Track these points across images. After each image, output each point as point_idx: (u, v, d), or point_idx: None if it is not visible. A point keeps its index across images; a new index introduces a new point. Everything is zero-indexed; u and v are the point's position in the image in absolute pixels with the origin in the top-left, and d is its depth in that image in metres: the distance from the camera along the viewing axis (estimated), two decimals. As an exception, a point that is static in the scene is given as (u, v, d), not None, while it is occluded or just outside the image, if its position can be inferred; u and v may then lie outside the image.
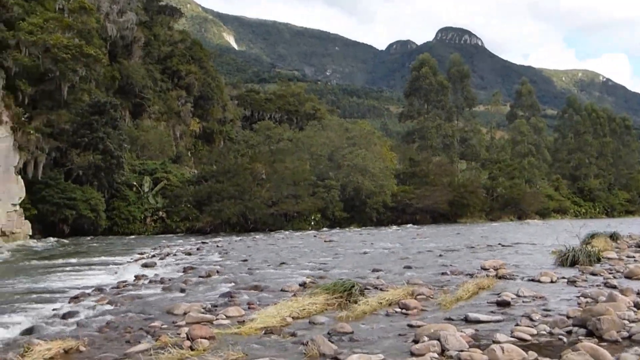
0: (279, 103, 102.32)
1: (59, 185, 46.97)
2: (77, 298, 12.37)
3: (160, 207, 56.22)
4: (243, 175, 56.50)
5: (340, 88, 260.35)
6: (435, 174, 69.27)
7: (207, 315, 8.70)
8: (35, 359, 6.53)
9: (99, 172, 49.65)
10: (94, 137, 48.43)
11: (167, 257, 23.83)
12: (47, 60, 43.06)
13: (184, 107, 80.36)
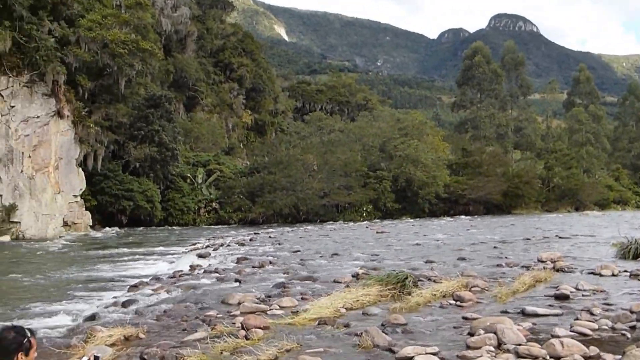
0: (330, 94, 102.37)
1: (117, 177, 48.25)
2: (135, 287, 12.74)
3: (214, 198, 57.05)
4: (295, 166, 56.76)
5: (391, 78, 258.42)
6: (488, 164, 68.22)
7: (261, 306, 8.84)
8: (98, 345, 6.76)
9: (154, 164, 50.72)
10: (149, 129, 49.49)
11: (220, 248, 24.22)
12: (105, 55, 44.14)
13: (236, 99, 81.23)
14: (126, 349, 6.84)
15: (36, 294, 12.96)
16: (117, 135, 48.51)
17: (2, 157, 35.35)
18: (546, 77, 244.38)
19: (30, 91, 37.70)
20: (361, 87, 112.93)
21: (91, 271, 17.53)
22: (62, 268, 18.67)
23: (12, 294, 13.09)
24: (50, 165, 39.61)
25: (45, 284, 15.11)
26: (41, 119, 38.67)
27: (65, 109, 40.37)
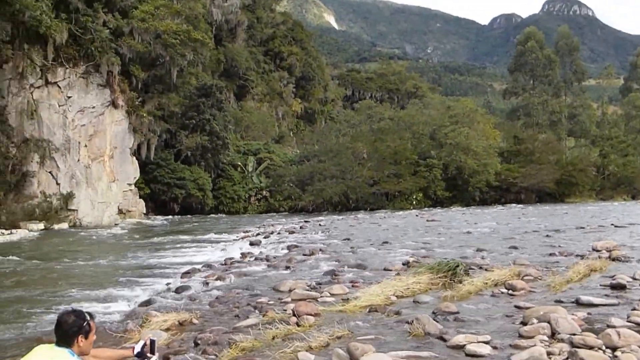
0: (379, 82, 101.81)
1: (170, 166, 49.11)
2: (188, 273, 12.98)
3: (264, 186, 57.52)
4: (344, 154, 56.72)
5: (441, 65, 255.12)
6: (541, 151, 66.74)
7: (312, 293, 8.90)
8: (153, 330, 6.91)
9: (205, 153, 51.41)
10: (201, 119, 50.15)
11: (271, 236, 24.44)
12: (158, 45, 44.84)
13: (286, 88, 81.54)
14: (180, 333, 6.98)
15: (93, 280, 13.35)
16: (170, 124, 49.33)
17: (60, 146, 36.37)
18: (602, 63, 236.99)
19: (86, 82, 38.63)
20: (411, 74, 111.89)
21: (145, 258, 17.93)
22: (117, 255, 19.16)
23: (70, 280, 13.50)
24: (105, 154, 40.58)
25: (101, 270, 15.54)
26: (96, 109, 39.61)
27: (120, 99, 41.24)
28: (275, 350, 5.50)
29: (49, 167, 35.77)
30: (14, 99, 34.77)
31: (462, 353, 5.30)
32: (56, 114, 36.67)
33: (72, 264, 16.95)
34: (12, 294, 11.33)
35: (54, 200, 35.49)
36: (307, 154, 62.12)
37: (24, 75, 34.96)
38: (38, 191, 35.03)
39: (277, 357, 5.27)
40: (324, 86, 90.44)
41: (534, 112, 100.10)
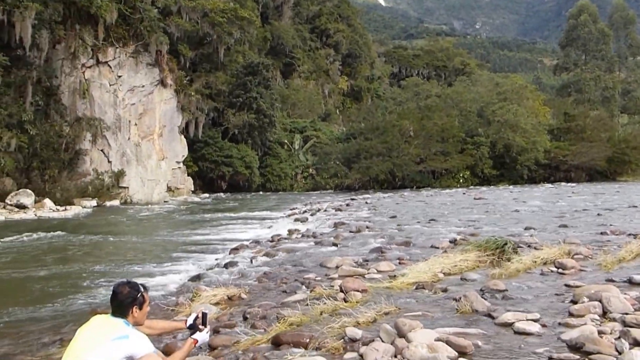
0: (427, 59, 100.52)
1: (217, 144, 49.69)
2: (236, 249, 13.17)
3: (310, 164, 57.73)
4: (391, 132, 56.34)
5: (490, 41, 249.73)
6: (592, 129, 64.93)
7: (359, 269, 8.90)
8: (203, 304, 7.06)
9: (252, 131, 51.78)
10: (248, 97, 50.45)
11: (318, 213, 24.55)
12: (205, 24, 45.24)
13: (333, 65, 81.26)
14: (229, 308, 7.10)
15: (144, 255, 13.68)
16: (217, 102, 49.82)
17: (111, 125, 37.16)
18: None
19: (136, 61, 39.25)
20: (459, 51, 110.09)
21: (194, 234, 18.27)
22: (167, 231, 19.58)
23: (122, 255, 13.88)
24: (154, 132, 41.31)
25: (152, 245, 15.91)
26: (146, 88, 40.27)
27: (168, 78, 41.82)
28: (323, 325, 5.55)
29: (101, 145, 36.63)
30: (67, 78, 35.59)
31: (510, 331, 5.27)
32: (107, 93, 37.43)
33: (123, 239, 17.41)
34: (67, 268, 11.72)
35: (106, 178, 36.40)
36: (353, 131, 61.95)
37: (76, 55, 35.73)
38: (90, 169, 35.95)
39: (325, 332, 5.33)
40: (371, 63, 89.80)
41: (586, 88, 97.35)
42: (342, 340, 5.14)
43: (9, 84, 29.95)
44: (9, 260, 12.97)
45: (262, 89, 51.81)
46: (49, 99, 34.05)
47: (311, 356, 4.72)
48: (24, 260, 13.11)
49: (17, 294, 9.27)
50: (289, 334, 5.42)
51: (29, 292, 9.29)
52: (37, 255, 13.80)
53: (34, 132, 31.09)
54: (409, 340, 4.81)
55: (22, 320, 7.34)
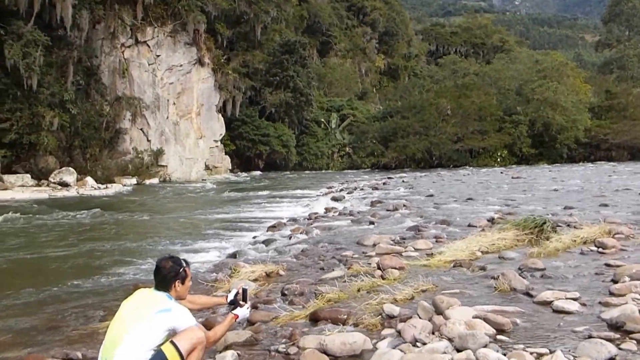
0: (464, 36, 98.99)
1: (254, 123, 49.94)
2: (274, 227, 13.30)
3: (347, 143, 57.70)
4: (428, 110, 55.96)
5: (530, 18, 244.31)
6: (635, 106, 63.13)
7: (396, 247, 8.91)
8: (242, 280, 7.15)
9: (289, 110, 51.89)
10: (284, 75, 50.52)
11: (354, 191, 24.59)
12: (242, 2, 45.29)
13: (369, 43, 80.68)
14: (268, 284, 7.18)
15: (184, 232, 13.92)
16: (254, 81, 49.98)
17: (150, 104, 37.63)
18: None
19: (174, 40, 39.55)
20: (497, 28, 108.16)
21: (232, 212, 18.48)
22: (205, 209, 19.83)
23: (162, 231, 14.14)
24: (192, 111, 41.71)
25: (191, 223, 16.16)
26: (184, 67, 40.61)
27: (206, 57, 42.07)
28: (361, 302, 5.59)
29: (140, 124, 37.15)
30: (107, 58, 36.09)
31: (549, 309, 5.24)
32: (146, 72, 37.86)
33: (163, 217, 17.71)
34: (110, 244, 11.98)
35: (145, 156, 36.96)
36: (390, 110, 61.67)
37: (116, 35, 36.16)
38: (130, 147, 36.53)
39: (363, 308, 5.37)
40: (408, 41, 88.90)
41: (629, 64, 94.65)
42: (379, 317, 5.18)
43: (51, 64, 30.48)
44: (54, 237, 13.32)
45: (299, 67, 51.81)
46: (89, 78, 34.59)
47: (349, 332, 4.76)
48: (67, 237, 13.45)
49: (61, 269, 9.53)
50: (326, 310, 5.47)
51: (73, 268, 9.55)
52: (80, 232, 14.15)
53: (76, 111, 31.64)
54: (446, 317, 4.83)
55: (67, 293, 7.55)
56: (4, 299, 7.19)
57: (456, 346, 4.26)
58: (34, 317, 6.34)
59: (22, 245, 12.10)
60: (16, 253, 11.07)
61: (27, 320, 6.19)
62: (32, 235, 13.65)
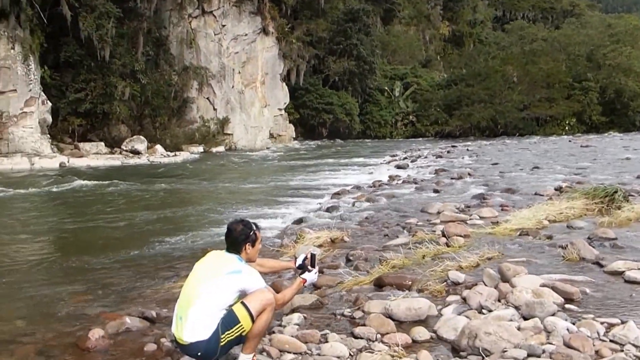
0: (532, 1, 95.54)
1: (318, 91, 49.98)
2: (338, 194, 13.39)
3: (410, 111, 57.19)
4: (494, 78, 54.79)
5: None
6: None
7: (460, 215, 8.86)
8: (307, 245, 7.27)
9: (353, 78, 51.68)
10: (348, 44, 50.25)
11: (418, 160, 24.45)
12: (306, -30, 45.07)
13: (434, 10, 79.11)
14: (332, 250, 7.26)
15: (250, 198, 14.18)
16: (318, 50, 49.87)
17: (216, 73, 38.15)
18: None
19: (239, 10, 39.78)
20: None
21: (296, 179, 18.69)
22: (270, 176, 20.12)
23: (229, 198, 14.44)
24: (257, 80, 42.05)
25: (256, 190, 16.45)
26: (249, 36, 40.87)
27: (270, 26, 42.18)
28: (425, 269, 5.61)
29: (207, 93, 37.75)
30: (175, 28, 36.67)
31: (620, 279, 5.13)
32: (212, 42, 38.32)
33: (229, 184, 18.07)
34: (180, 210, 12.33)
35: (212, 125, 37.61)
36: (454, 77, 60.66)
37: (183, 6, 36.63)
38: (197, 116, 37.22)
39: (428, 275, 5.39)
40: (473, 7, 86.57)
41: None
42: (444, 284, 5.19)
43: (122, 35, 31.18)
44: (127, 203, 13.81)
45: (363, 35, 51.41)
46: (158, 49, 35.24)
47: (414, 298, 4.80)
48: (139, 203, 13.92)
49: (134, 234, 9.88)
50: (391, 276, 5.51)
51: (145, 232, 9.87)
52: (151, 199, 14.61)
53: (146, 81, 32.39)
54: (513, 285, 4.81)
55: (140, 257, 7.84)
56: (83, 262, 7.53)
57: (523, 314, 4.25)
58: (110, 278, 6.62)
59: (97, 211, 12.60)
60: (92, 218, 11.53)
61: (104, 281, 6.47)
62: (106, 201, 14.17)
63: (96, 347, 4.30)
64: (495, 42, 73.81)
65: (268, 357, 3.87)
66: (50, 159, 25.45)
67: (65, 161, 25.51)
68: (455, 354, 3.77)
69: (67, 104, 29.38)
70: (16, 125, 25.87)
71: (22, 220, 11.81)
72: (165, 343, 4.24)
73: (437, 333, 4.13)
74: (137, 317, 4.89)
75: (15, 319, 5.15)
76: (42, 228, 10.98)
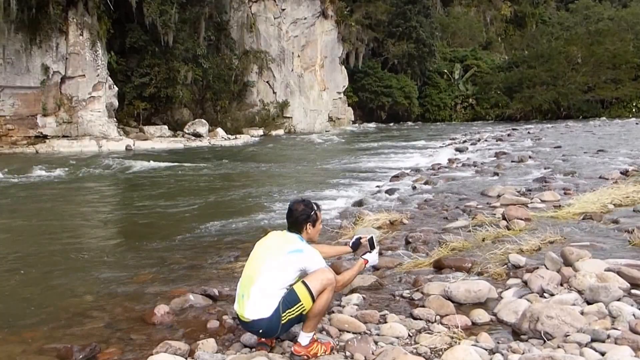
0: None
1: (377, 74, 49.77)
2: (396, 177, 13.38)
3: (470, 94, 56.35)
4: (557, 59, 53.29)
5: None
6: None
7: (521, 198, 8.74)
8: (366, 227, 7.31)
9: (412, 61, 51.24)
10: (407, 26, 49.76)
11: (478, 143, 24.12)
12: (365, -47, 44.71)
13: (495, -10, 77.31)
14: (391, 232, 7.29)
15: (309, 181, 14.32)
16: (377, 33, 49.59)
17: (276, 57, 38.42)
18: None
19: (299, -7, 39.90)
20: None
21: (355, 162, 18.74)
22: (329, 159, 20.21)
23: (288, 180, 14.63)
24: (316, 64, 42.14)
25: (316, 172, 16.56)
26: (308, 20, 40.92)
27: (329, 9, 42.13)
28: (486, 252, 5.59)
29: (266, 77, 38.08)
30: (235, 13, 37.04)
31: (691, 265, 5.00)
32: (272, 26, 38.58)
33: (289, 166, 18.26)
34: (240, 191, 12.56)
35: (271, 108, 37.97)
36: (515, 59, 59.30)
37: (244, -10, 36.93)
38: (257, 100, 37.63)
39: (488, 257, 5.36)
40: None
41: None
42: (505, 267, 5.16)
43: (185, 21, 31.68)
44: (188, 186, 14.14)
45: (422, 17, 50.82)
46: (219, 33, 35.68)
47: (474, 280, 4.79)
48: (201, 184, 14.23)
49: (197, 214, 10.10)
50: (451, 258, 5.52)
51: (207, 213, 10.08)
52: (212, 180, 14.91)
53: (207, 65, 32.89)
54: (576, 269, 4.75)
55: (203, 237, 8.03)
56: (149, 242, 7.77)
57: (587, 299, 4.20)
58: (173, 257, 6.82)
59: (161, 192, 12.96)
60: (155, 199, 11.86)
61: (168, 260, 6.67)
62: (169, 183, 14.56)
63: (161, 322, 4.47)
64: (559, 23, 71.77)
65: (328, 336, 3.92)
66: (117, 141, 26.24)
67: (131, 144, 26.26)
68: (515, 337, 3.77)
69: (132, 89, 30.15)
70: (85, 109, 26.74)
71: (91, 201, 12.28)
72: (227, 320, 4.35)
73: (497, 316, 4.13)
74: (200, 294, 5.03)
75: (85, 295, 5.40)
76: (109, 209, 11.41)
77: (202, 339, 3.99)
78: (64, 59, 26.51)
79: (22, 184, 14.61)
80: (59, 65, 26.42)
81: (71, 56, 26.56)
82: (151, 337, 4.19)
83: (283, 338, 3.89)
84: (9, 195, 12.76)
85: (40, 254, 7.30)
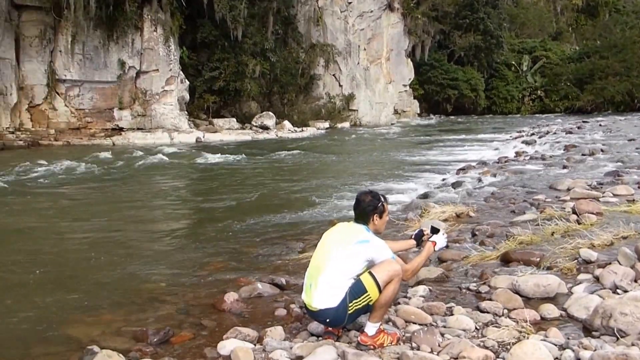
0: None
1: (443, 67, 49.25)
2: (463, 170, 13.30)
3: (539, 86, 55.08)
4: (631, 49, 51.36)
5: None
6: None
7: (592, 192, 8.51)
8: (432, 220, 7.30)
9: (479, 53, 50.49)
10: (474, 17, 49.02)
11: (546, 136, 23.58)
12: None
13: (567, -21, 75.01)
14: (458, 225, 7.27)
15: (375, 173, 14.40)
16: (443, 25, 49.02)
17: (342, 50, 38.55)
18: None
19: (365, -14, 39.85)
20: None
21: (420, 155, 18.68)
22: (395, 151, 20.21)
23: (354, 172, 14.78)
24: (382, 56, 42.04)
25: (382, 164, 16.62)
26: (374, 13, 40.84)
27: (395, 2, 41.94)
28: (555, 246, 5.49)
29: (333, 70, 38.24)
30: (302, 7, 37.30)
31: None
32: (338, 19, 38.68)
33: (355, 158, 18.38)
34: (307, 183, 12.74)
35: (337, 101, 38.14)
36: (587, 50, 57.44)
37: (311, -16, 37.11)
38: (323, 93, 37.86)
39: (557, 252, 5.28)
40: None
41: None
42: (575, 261, 5.07)
43: (253, 15, 32.12)
44: (256, 177, 14.41)
45: (490, 8, 49.98)
46: (287, 27, 35.99)
47: (542, 274, 4.74)
48: (268, 176, 14.50)
49: (265, 205, 10.29)
50: (518, 252, 5.47)
51: (275, 204, 10.28)
52: (279, 172, 15.17)
53: (275, 59, 33.28)
54: (651, 265, 4.65)
55: (271, 227, 8.20)
56: (217, 231, 8.03)
57: (663, 296, 4.11)
58: (242, 247, 7.04)
59: (229, 183, 13.30)
60: (224, 190, 12.17)
61: (237, 249, 6.89)
62: (237, 174, 14.91)
63: (231, 309, 4.65)
64: (634, 11, 68.98)
65: (394, 327, 3.96)
66: (188, 134, 26.95)
67: (201, 136, 26.94)
68: (586, 333, 3.71)
69: (202, 82, 30.82)
70: (158, 102, 27.56)
71: (164, 192, 12.72)
72: (295, 309, 4.45)
73: (567, 311, 4.07)
74: (268, 283, 5.17)
75: (159, 281, 5.67)
76: (180, 199, 11.80)
77: (270, 326, 4.11)
78: (138, 54, 27.38)
79: (103, 172, 15.26)
80: (134, 60, 27.30)
81: (145, 51, 27.40)
82: (221, 323, 4.35)
83: (350, 328, 3.94)
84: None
85: (114, 240, 7.68)
